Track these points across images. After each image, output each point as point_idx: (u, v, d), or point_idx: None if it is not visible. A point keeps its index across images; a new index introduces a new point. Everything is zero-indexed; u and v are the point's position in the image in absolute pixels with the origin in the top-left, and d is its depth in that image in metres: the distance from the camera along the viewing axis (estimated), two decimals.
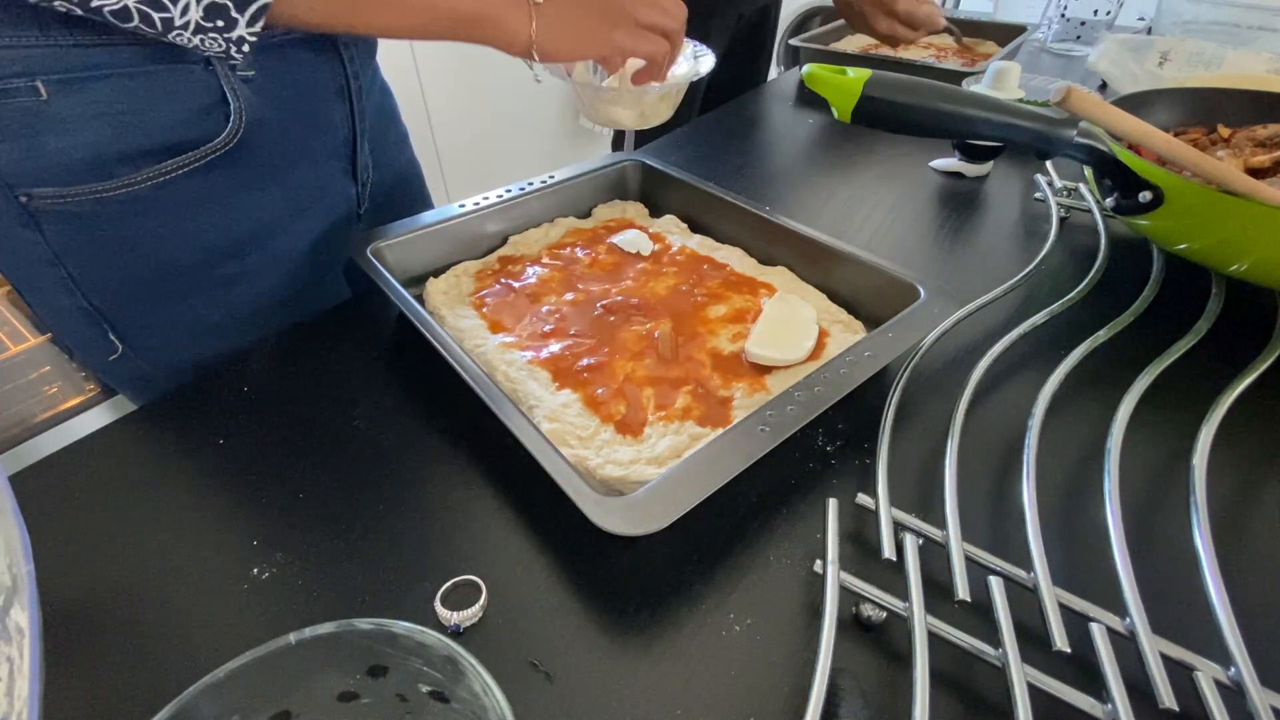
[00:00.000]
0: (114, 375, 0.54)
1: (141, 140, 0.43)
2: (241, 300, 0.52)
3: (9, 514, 0.22)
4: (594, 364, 0.43)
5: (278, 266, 0.53)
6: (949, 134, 0.54)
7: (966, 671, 0.29)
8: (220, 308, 0.52)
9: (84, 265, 0.46)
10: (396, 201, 0.66)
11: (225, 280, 0.51)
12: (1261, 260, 0.45)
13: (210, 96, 0.44)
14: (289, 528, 0.36)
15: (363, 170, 0.58)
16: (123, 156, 0.43)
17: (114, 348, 0.51)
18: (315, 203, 0.55)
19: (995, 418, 0.42)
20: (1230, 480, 0.38)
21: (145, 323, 0.51)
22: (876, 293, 0.47)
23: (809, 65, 0.53)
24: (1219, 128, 0.58)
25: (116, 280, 0.48)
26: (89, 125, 0.41)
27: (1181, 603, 0.30)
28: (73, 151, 0.41)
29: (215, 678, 0.20)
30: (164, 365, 0.53)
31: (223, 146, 0.45)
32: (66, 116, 0.40)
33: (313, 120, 0.52)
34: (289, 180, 0.52)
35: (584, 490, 0.31)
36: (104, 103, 0.41)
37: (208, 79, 0.43)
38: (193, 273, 0.49)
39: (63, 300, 0.48)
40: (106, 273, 0.47)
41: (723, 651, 0.30)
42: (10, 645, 0.18)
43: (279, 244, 0.53)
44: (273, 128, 0.48)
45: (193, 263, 0.49)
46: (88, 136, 0.41)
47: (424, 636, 0.21)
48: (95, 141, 0.42)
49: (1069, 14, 1.09)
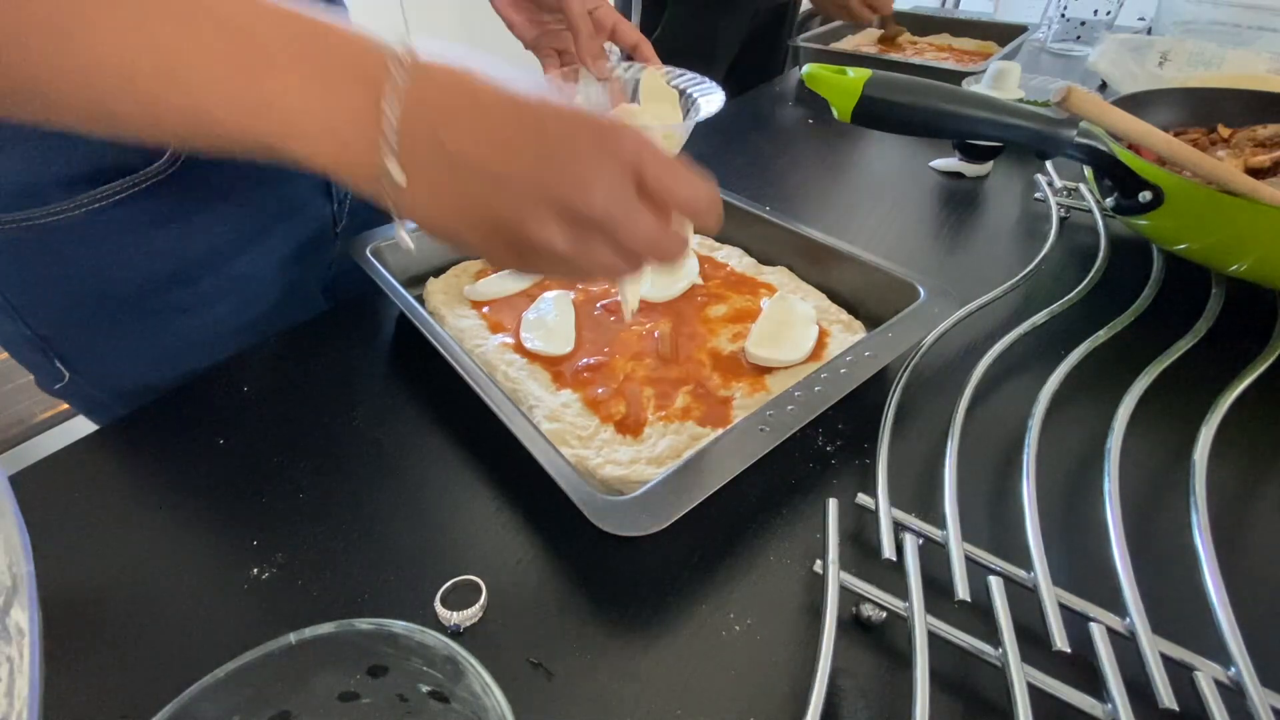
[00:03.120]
0: (67, 399, 0.52)
1: (75, 165, 0.40)
2: (196, 326, 0.49)
3: (9, 514, 0.22)
4: (594, 364, 0.43)
5: (236, 290, 0.50)
6: (949, 134, 0.54)
7: (966, 671, 0.29)
8: (173, 334, 0.49)
9: (24, 293, 0.45)
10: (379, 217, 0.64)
11: (175, 307, 0.48)
12: (1261, 260, 0.45)
13: None
14: (289, 528, 0.36)
15: (339, 188, 0.56)
16: (54, 182, 0.40)
17: (60, 375, 0.49)
18: (278, 224, 0.52)
19: (995, 418, 0.42)
20: (1230, 480, 0.38)
21: (92, 350, 0.48)
22: (876, 293, 0.47)
23: (809, 65, 0.53)
24: (1219, 128, 0.58)
25: (58, 308, 0.46)
26: (15, 150, 0.39)
27: (1181, 603, 0.30)
28: (1, 177, 0.39)
29: (215, 678, 0.20)
30: (112, 391, 0.50)
31: (163, 171, 0.43)
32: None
33: None
34: (246, 203, 0.49)
35: (584, 490, 0.31)
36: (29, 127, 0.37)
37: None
38: (139, 300, 0.47)
39: (6, 326, 0.46)
40: (47, 300, 0.45)
41: (723, 651, 0.30)
42: (10, 645, 0.18)
43: (237, 267, 0.50)
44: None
45: (138, 290, 0.46)
46: (14, 163, 0.39)
47: (424, 636, 0.21)
48: (23, 167, 0.39)
49: (1069, 14, 1.09)
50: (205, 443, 0.42)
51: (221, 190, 0.47)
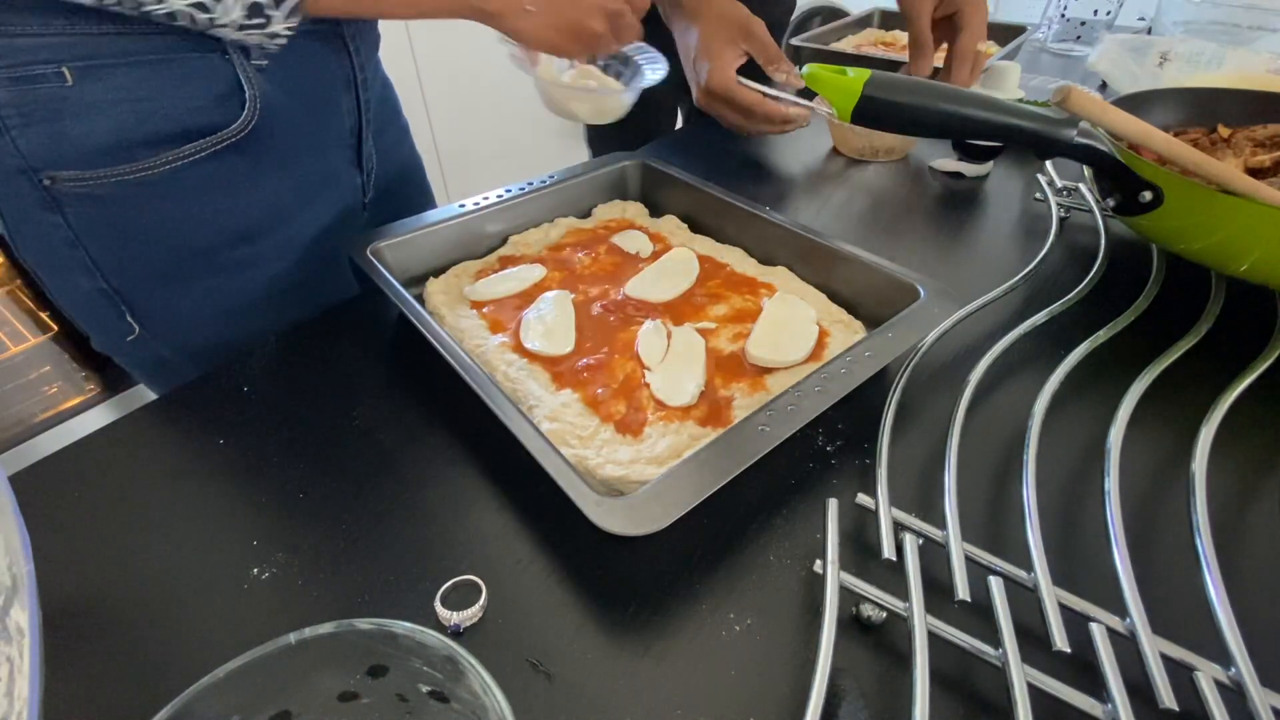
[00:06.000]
0: (130, 358, 0.55)
1: (161, 125, 0.44)
2: (255, 284, 0.54)
3: (9, 514, 0.22)
4: (594, 364, 0.43)
5: (289, 252, 0.55)
6: (949, 134, 0.54)
7: (966, 671, 0.29)
8: (235, 291, 0.53)
9: (104, 247, 0.48)
10: (398, 193, 0.67)
11: (240, 263, 0.52)
12: (1261, 260, 0.45)
13: (227, 84, 0.45)
14: (289, 528, 0.36)
15: (367, 160, 0.60)
16: (143, 141, 0.44)
17: (130, 329, 0.52)
18: (323, 191, 0.56)
19: (995, 418, 0.42)
20: (1230, 480, 0.38)
21: (162, 304, 0.52)
22: (876, 293, 0.47)
23: (809, 65, 0.53)
24: (1219, 128, 0.58)
25: (135, 262, 0.49)
26: (111, 110, 0.42)
27: (1181, 603, 0.30)
28: (95, 136, 0.43)
29: (215, 678, 0.20)
30: (179, 347, 0.54)
31: (238, 132, 0.47)
32: (90, 102, 0.42)
33: (321, 109, 0.53)
34: (298, 168, 0.53)
35: (584, 490, 0.31)
36: (126, 89, 0.42)
37: (224, 66, 0.45)
38: (208, 255, 0.51)
39: (82, 282, 0.49)
40: (125, 254, 0.49)
41: (723, 651, 0.30)
42: (10, 645, 0.18)
43: (290, 230, 0.54)
44: (284, 116, 0.49)
45: (208, 245, 0.51)
46: (110, 121, 0.43)
47: (424, 636, 0.21)
48: (117, 126, 0.43)
49: (1069, 14, 1.09)
50: (205, 443, 0.42)
51: (279, 155, 0.51)
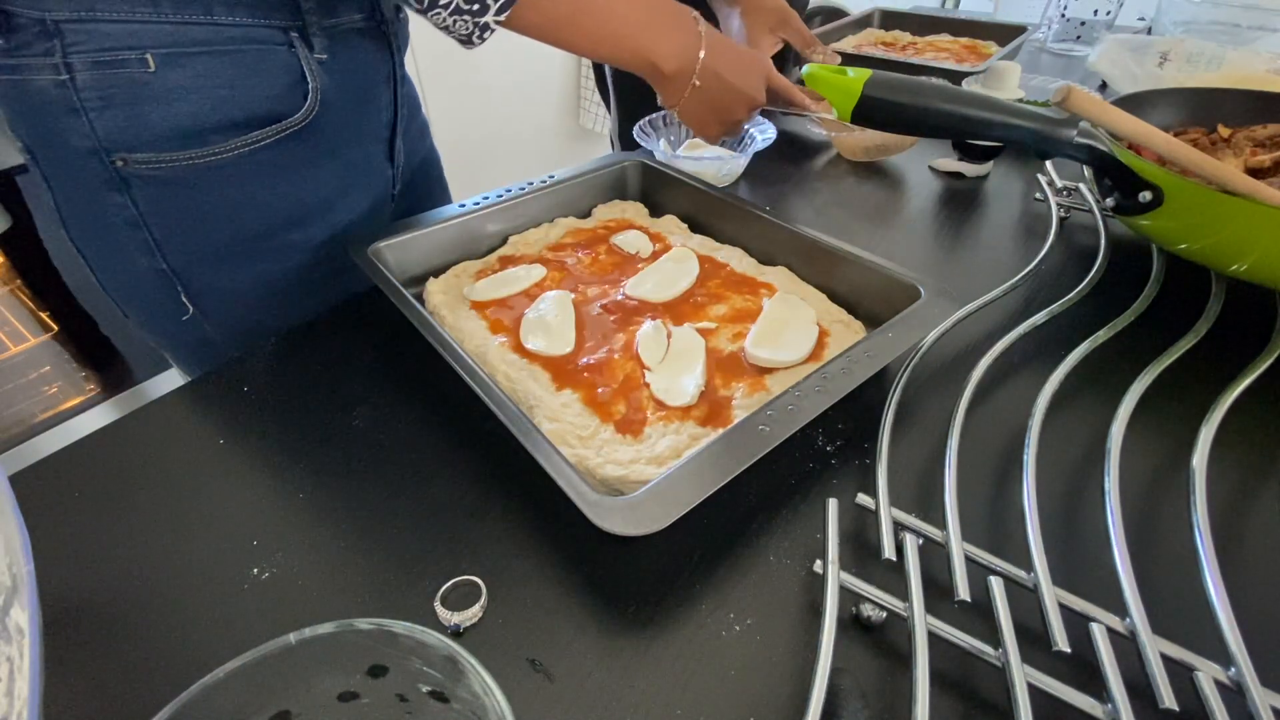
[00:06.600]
0: (179, 339, 0.57)
1: (234, 112, 0.46)
2: (303, 267, 0.56)
3: (9, 514, 0.22)
4: (594, 364, 0.43)
5: (334, 237, 0.57)
6: (949, 134, 0.54)
7: (966, 671, 0.29)
8: (282, 274, 0.55)
9: (167, 228, 0.49)
10: (420, 187, 0.68)
11: (290, 247, 0.55)
12: (1261, 260, 0.45)
13: (292, 75, 0.47)
14: (289, 528, 0.36)
15: (398, 153, 0.61)
16: (216, 126, 0.46)
17: (185, 310, 0.54)
18: (361, 180, 0.58)
19: (995, 418, 0.42)
20: (1230, 480, 0.38)
21: (216, 285, 0.54)
22: (876, 293, 0.47)
23: (809, 65, 0.53)
24: (1219, 128, 0.58)
25: (195, 243, 0.51)
26: (190, 97, 0.44)
27: (1181, 603, 0.30)
28: (173, 120, 0.44)
29: (215, 678, 0.20)
30: (227, 328, 0.56)
31: (300, 121, 0.49)
32: (170, 88, 0.43)
33: (367, 103, 0.55)
34: (343, 158, 0.55)
35: (584, 490, 0.31)
36: (205, 76, 0.44)
37: (290, 59, 0.47)
38: (264, 237, 0.53)
39: (141, 262, 0.50)
40: (187, 235, 0.50)
41: (723, 651, 0.30)
42: (10, 645, 0.18)
43: (335, 216, 0.56)
44: (336, 108, 0.51)
45: (265, 228, 0.53)
46: (188, 107, 0.44)
47: (424, 636, 0.21)
48: (194, 112, 0.45)
49: (1069, 14, 1.09)
50: (205, 443, 0.42)
51: (330, 144, 0.53)
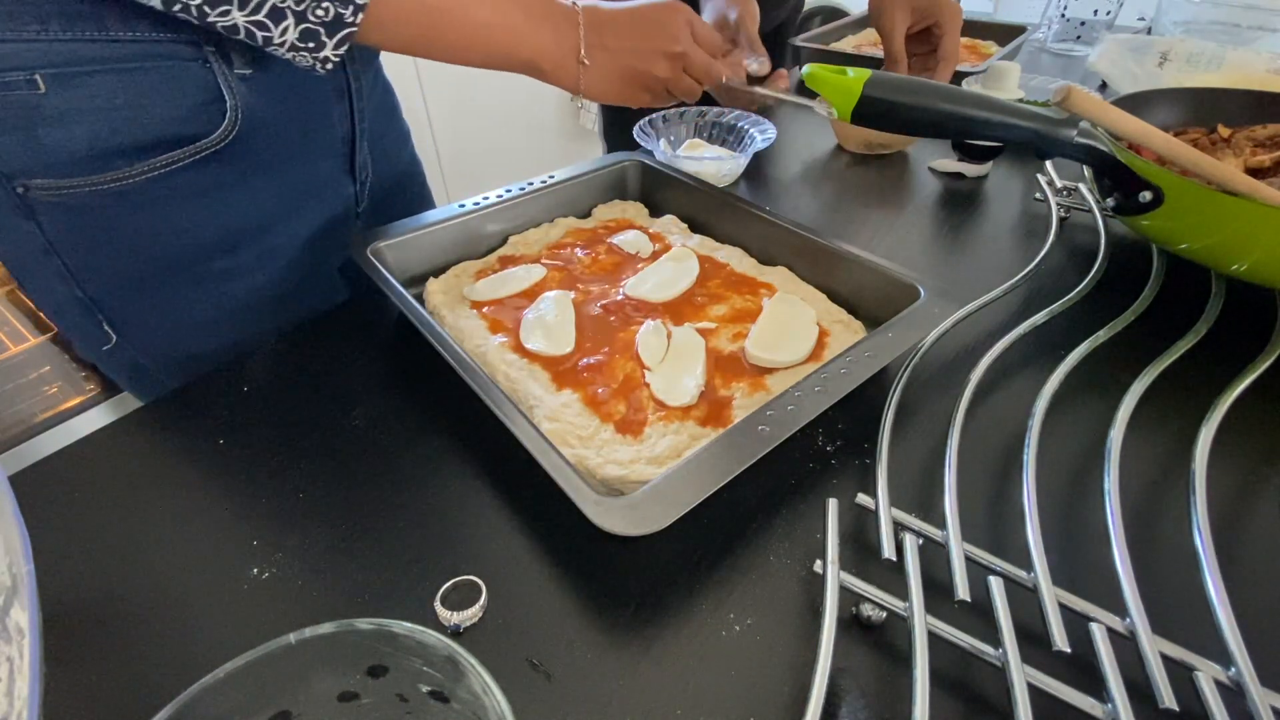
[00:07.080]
0: (109, 365, 0.55)
1: (137, 134, 0.43)
2: (234, 295, 0.53)
3: (9, 514, 0.22)
4: (594, 364, 0.43)
5: (271, 262, 0.54)
6: (949, 134, 0.54)
7: (966, 671, 0.29)
8: (213, 302, 0.52)
9: (79, 255, 0.47)
10: (397, 199, 0.66)
11: (218, 274, 0.51)
12: (1261, 260, 0.45)
13: (207, 93, 0.44)
14: (289, 528, 0.36)
15: (361, 169, 0.59)
16: (119, 150, 0.43)
17: (108, 338, 0.51)
18: (310, 200, 0.55)
19: (995, 418, 0.42)
20: (1230, 480, 0.38)
21: (139, 313, 0.51)
22: (876, 293, 0.47)
23: (809, 65, 0.53)
24: (1219, 128, 0.58)
25: (110, 271, 0.48)
26: (86, 119, 0.41)
27: (1181, 603, 0.30)
28: (69, 144, 0.42)
29: (215, 678, 0.20)
30: (157, 356, 0.54)
31: (219, 142, 0.46)
32: (64, 109, 0.41)
33: (310, 119, 0.52)
34: (284, 177, 0.52)
35: (584, 490, 0.31)
36: (101, 97, 0.41)
37: (205, 75, 0.43)
38: (186, 266, 0.50)
39: (59, 289, 0.48)
40: (101, 263, 0.48)
41: (723, 651, 0.30)
42: (10, 645, 0.18)
43: (272, 240, 0.53)
44: (269, 125, 0.48)
45: (186, 256, 0.50)
46: (84, 130, 0.42)
47: (424, 636, 0.21)
48: (92, 135, 0.42)
49: (1069, 14, 1.09)
50: (205, 443, 0.42)
51: (263, 164, 0.50)
